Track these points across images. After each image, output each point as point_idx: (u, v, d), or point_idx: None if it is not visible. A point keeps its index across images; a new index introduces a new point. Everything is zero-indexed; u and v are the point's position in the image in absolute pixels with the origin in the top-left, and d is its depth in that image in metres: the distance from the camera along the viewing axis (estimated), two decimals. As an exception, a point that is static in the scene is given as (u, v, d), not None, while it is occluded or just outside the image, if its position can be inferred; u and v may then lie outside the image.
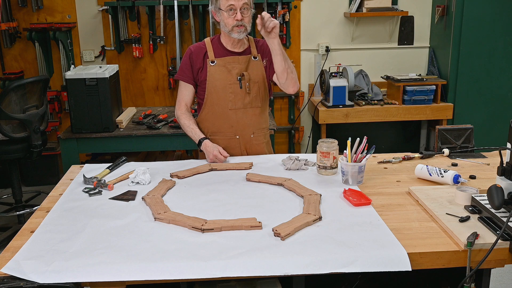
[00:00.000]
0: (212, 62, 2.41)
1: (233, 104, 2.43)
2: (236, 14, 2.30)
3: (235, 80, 2.41)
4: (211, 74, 2.41)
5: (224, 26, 2.36)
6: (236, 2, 2.29)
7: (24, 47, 4.51)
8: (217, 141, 2.45)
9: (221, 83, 2.42)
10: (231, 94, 2.42)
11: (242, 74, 2.41)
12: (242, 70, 2.42)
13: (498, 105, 4.54)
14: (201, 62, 2.43)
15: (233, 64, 2.42)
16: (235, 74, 2.42)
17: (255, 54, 2.46)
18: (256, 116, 2.49)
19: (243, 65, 2.43)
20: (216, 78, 2.41)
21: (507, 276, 3.11)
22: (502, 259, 1.53)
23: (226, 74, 2.42)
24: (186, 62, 2.47)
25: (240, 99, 2.43)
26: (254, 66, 2.45)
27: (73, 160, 3.48)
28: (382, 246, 1.52)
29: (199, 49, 2.45)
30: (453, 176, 1.99)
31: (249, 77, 2.42)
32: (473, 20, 4.34)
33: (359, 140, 2.05)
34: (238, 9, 2.29)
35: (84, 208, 1.85)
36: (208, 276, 1.43)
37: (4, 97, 3.27)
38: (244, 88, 2.42)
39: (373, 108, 4.37)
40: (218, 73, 2.42)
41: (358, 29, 4.77)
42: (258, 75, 2.46)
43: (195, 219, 1.70)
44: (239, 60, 2.43)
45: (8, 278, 1.41)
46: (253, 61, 2.45)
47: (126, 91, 4.67)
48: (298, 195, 1.94)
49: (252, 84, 2.44)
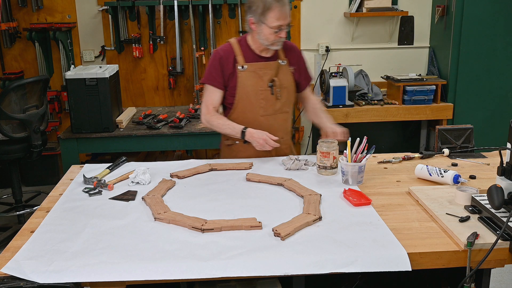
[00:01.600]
0: (242, 67, 2.36)
1: (265, 110, 2.39)
2: (281, 32, 2.27)
3: (267, 86, 2.37)
4: (242, 80, 2.36)
5: (264, 40, 2.30)
6: (284, 22, 2.25)
7: (24, 47, 4.51)
8: (246, 146, 2.40)
9: (253, 89, 2.37)
10: (262, 101, 2.38)
11: (273, 80, 2.37)
12: (272, 76, 2.38)
13: (498, 105, 4.54)
14: (232, 67, 2.36)
15: (264, 70, 2.37)
16: (266, 80, 2.37)
17: (283, 58, 2.42)
18: (285, 121, 2.47)
19: (273, 71, 2.39)
20: (247, 84, 2.37)
21: (507, 276, 3.11)
22: (502, 259, 1.53)
23: (257, 80, 2.37)
24: (216, 67, 2.38)
25: (271, 106, 2.40)
26: (283, 71, 2.42)
27: (73, 160, 3.48)
28: (382, 246, 1.52)
29: (228, 53, 2.38)
30: (453, 176, 1.99)
31: (279, 82, 2.39)
32: (473, 20, 4.34)
33: (359, 140, 2.05)
34: (283, 27, 2.26)
35: (84, 208, 1.85)
36: (208, 276, 1.43)
37: (4, 97, 3.27)
38: (275, 94, 2.38)
39: (373, 108, 4.37)
40: (250, 79, 2.37)
41: (358, 29, 4.77)
42: (287, 80, 2.43)
43: (195, 219, 1.70)
44: (270, 66, 2.38)
45: (8, 278, 1.41)
46: (282, 66, 2.42)
47: (126, 91, 4.67)
48: (298, 195, 1.94)
49: (282, 89, 2.40)
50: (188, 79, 4.67)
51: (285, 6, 2.24)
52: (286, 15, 2.25)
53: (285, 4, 2.24)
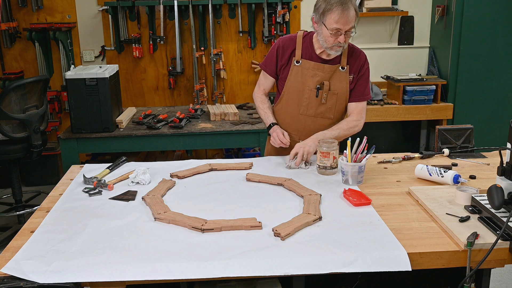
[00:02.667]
0: (297, 62, 2.34)
1: (305, 110, 2.38)
2: (340, 36, 2.20)
3: (314, 87, 2.34)
4: (293, 74, 2.36)
5: (323, 41, 2.24)
6: (343, 26, 2.17)
7: (24, 47, 4.51)
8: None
9: (300, 86, 2.36)
10: (306, 99, 2.37)
11: (322, 83, 2.33)
12: (324, 79, 2.33)
13: (498, 105, 4.54)
14: (287, 58, 2.37)
15: (317, 70, 2.33)
16: (315, 81, 2.33)
17: (344, 64, 2.34)
18: (324, 127, 2.38)
19: (327, 74, 2.33)
20: (296, 80, 2.36)
21: (507, 276, 3.11)
22: (502, 259, 1.53)
23: (307, 79, 2.34)
24: (273, 55, 2.41)
25: (313, 107, 2.37)
26: (338, 77, 2.34)
27: (73, 160, 3.48)
28: (382, 246, 1.52)
29: (289, 44, 2.37)
30: (453, 176, 1.99)
31: (329, 87, 2.34)
32: (473, 20, 4.34)
33: (359, 140, 2.05)
34: (343, 32, 2.19)
35: (84, 208, 1.85)
36: (208, 276, 1.43)
37: (4, 97, 3.27)
38: (320, 97, 2.35)
39: (373, 108, 4.37)
40: (300, 75, 2.35)
41: (358, 29, 4.77)
42: (341, 87, 2.35)
43: (195, 219, 1.70)
44: (324, 69, 2.32)
45: (8, 278, 1.41)
46: (339, 71, 2.34)
47: (126, 91, 4.67)
48: (298, 195, 1.94)
49: (331, 95, 2.35)
50: (188, 79, 4.67)
51: (347, 11, 2.15)
52: (348, 19, 2.16)
53: (348, 9, 2.15)
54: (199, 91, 4.51)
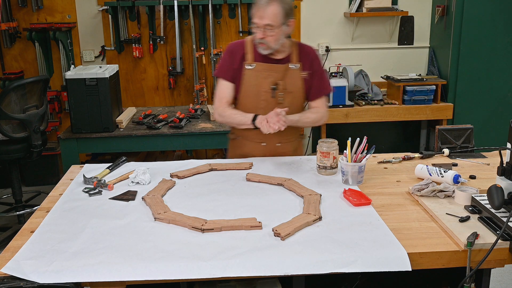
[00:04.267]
0: (249, 65, 2.33)
1: (264, 112, 2.29)
2: (259, 32, 2.22)
3: (269, 88, 2.33)
4: (247, 78, 2.34)
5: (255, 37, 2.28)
6: (258, 21, 2.19)
7: (24, 47, 4.51)
8: (244, 145, 2.42)
9: (255, 89, 2.34)
10: (263, 102, 2.35)
11: (277, 83, 2.33)
12: (278, 79, 2.32)
13: (498, 105, 4.54)
14: (239, 62, 2.34)
15: (270, 71, 2.32)
16: (269, 82, 2.32)
17: (296, 62, 2.35)
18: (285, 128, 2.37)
19: (280, 74, 2.33)
20: (250, 84, 2.34)
21: (507, 276, 3.11)
22: (502, 259, 1.53)
23: (261, 81, 2.33)
24: (226, 59, 2.37)
25: (272, 109, 2.30)
26: (291, 75, 2.35)
27: (73, 160, 3.48)
28: (382, 246, 1.52)
29: (238, 49, 2.36)
30: (453, 176, 1.99)
31: (284, 86, 2.33)
32: (473, 20, 4.34)
33: (359, 140, 2.05)
34: (260, 27, 2.20)
35: (84, 208, 1.85)
36: (208, 276, 1.43)
37: (4, 97, 3.27)
38: (276, 98, 2.34)
39: (373, 108, 4.37)
40: (254, 79, 2.33)
41: (358, 29, 4.77)
42: (295, 85, 2.35)
43: (195, 219, 1.70)
44: (277, 68, 2.33)
45: (8, 278, 1.41)
46: (292, 69, 2.34)
47: (126, 91, 4.67)
48: (298, 195, 1.94)
49: (286, 94, 2.34)
50: (188, 79, 4.67)
51: (266, 6, 2.15)
52: (263, 14, 2.16)
53: (268, 4, 2.15)
54: (199, 91, 4.51)
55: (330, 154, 2.12)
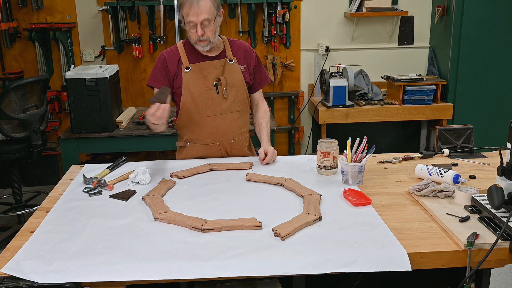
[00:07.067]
0: (186, 68, 2.31)
1: (211, 110, 2.34)
2: (196, 30, 2.20)
3: (212, 85, 2.33)
4: (187, 81, 2.32)
5: (190, 37, 2.28)
6: (194, 18, 2.17)
7: (24, 47, 4.51)
8: (197, 148, 2.41)
9: (198, 89, 2.33)
10: (208, 101, 2.34)
11: (218, 79, 2.33)
12: (218, 75, 2.34)
13: (498, 105, 4.54)
14: (176, 68, 2.33)
15: (208, 69, 2.33)
16: (211, 79, 2.33)
17: (231, 57, 2.37)
18: (235, 121, 2.41)
19: (219, 69, 2.34)
20: (192, 85, 2.32)
21: (507, 276, 3.11)
22: (502, 259, 1.53)
23: (202, 80, 2.33)
24: (160, 68, 2.35)
25: (218, 105, 2.35)
26: (230, 70, 2.36)
27: (73, 160, 3.48)
28: (382, 246, 1.52)
29: (173, 55, 2.35)
30: (453, 176, 1.99)
31: (225, 81, 2.34)
32: (473, 20, 4.34)
33: (359, 140, 2.05)
34: (198, 24, 2.18)
35: (84, 208, 1.85)
36: (208, 276, 1.43)
37: (4, 97, 3.27)
38: (221, 93, 2.34)
39: (373, 108, 4.37)
40: (194, 80, 2.32)
41: (358, 29, 4.77)
42: (235, 79, 2.37)
43: (195, 219, 1.70)
44: (214, 65, 2.34)
45: (8, 278, 1.41)
46: (229, 64, 2.36)
47: (126, 91, 4.67)
48: (298, 195, 1.94)
49: (229, 88, 2.36)
50: (188, 79, 4.67)
51: (199, 2, 2.15)
52: (198, 10, 2.15)
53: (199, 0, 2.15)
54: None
55: (330, 154, 2.12)
